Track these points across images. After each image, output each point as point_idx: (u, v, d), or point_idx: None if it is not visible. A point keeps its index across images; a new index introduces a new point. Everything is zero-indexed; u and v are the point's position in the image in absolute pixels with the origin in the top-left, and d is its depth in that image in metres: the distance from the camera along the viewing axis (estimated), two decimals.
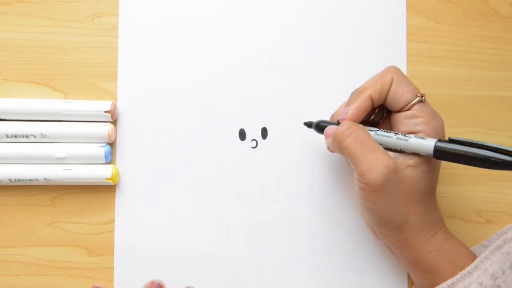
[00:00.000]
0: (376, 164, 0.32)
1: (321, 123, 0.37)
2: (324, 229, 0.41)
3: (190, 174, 0.40)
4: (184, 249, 0.40)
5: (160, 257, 0.40)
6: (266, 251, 0.41)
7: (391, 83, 0.34)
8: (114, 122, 0.40)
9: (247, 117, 0.41)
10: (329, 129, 0.35)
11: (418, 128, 0.33)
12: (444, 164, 0.42)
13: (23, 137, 0.38)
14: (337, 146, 0.34)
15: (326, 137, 0.36)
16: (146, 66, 0.41)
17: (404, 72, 0.42)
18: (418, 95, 0.34)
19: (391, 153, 0.34)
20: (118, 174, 0.40)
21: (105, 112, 0.39)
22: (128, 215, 0.40)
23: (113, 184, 0.39)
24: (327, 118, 0.39)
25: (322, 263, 0.41)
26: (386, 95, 0.35)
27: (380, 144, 0.34)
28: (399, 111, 0.35)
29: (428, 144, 0.32)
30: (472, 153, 0.29)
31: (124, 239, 0.40)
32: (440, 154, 0.31)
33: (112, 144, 0.40)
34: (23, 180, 0.38)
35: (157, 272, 0.40)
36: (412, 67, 0.42)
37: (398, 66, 0.42)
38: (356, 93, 0.35)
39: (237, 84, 0.41)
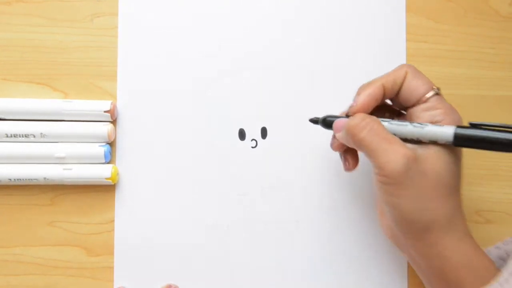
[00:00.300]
0: (395, 155, 0.30)
1: (328, 118, 0.35)
2: (324, 229, 0.41)
3: (190, 173, 0.40)
4: (184, 249, 0.40)
5: (160, 256, 0.40)
6: (266, 251, 0.41)
7: (405, 76, 0.33)
8: (113, 121, 0.40)
9: (247, 117, 0.41)
10: (339, 122, 0.34)
11: (437, 119, 0.32)
12: None
13: (22, 136, 0.38)
14: (352, 140, 0.32)
15: (336, 131, 0.34)
16: (146, 65, 0.41)
17: None
18: (434, 87, 0.33)
19: (409, 145, 0.31)
20: (117, 174, 0.40)
21: (105, 111, 0.39)
22: (128, 214, 0.40)
23: (113, 183, 0.39)
24: None
25: (322, 263, 0.41)
26: (399, 88, 0.33)
27: (395, 135, 0.32)
28: (413, 106, 0.33)
29: (446, 130, 0.30)
30: (496, 138, 0.28)
31: (124, 239, 0.40)
32: (460, 140, 0.29)
33: (111, 144, 0.40)
34: (23, 179, 0.38)
35: (157, 271, 0.40)
36: None
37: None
38: (366, 84, 0.34)
39: (237, 84, 0.41)
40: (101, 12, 0.41)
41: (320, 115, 0.37)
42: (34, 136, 0.38)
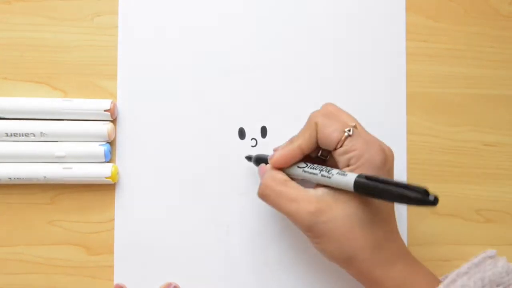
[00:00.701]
0: (300, 214, 0.33)
1: (257, 158, 0.39)
2: None
3: (189, 173, 0.40)
4: (184, 248, 0.40)
5: (160, 256, 0.40)
6: (266, 251, 0.41)
7: (316, 129, 0.35)
8: (113, 121, 0.40)
9: (247, 116, 0.41)
10: (261, 169, 0.37)
11: (352, 162, 0.33)
12: (445, 162, 0.42)
13: (22, 135, 0.38)
14: (265, 201, 0.35)
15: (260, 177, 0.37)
16: (146, 65, 0.41)
17: (404, 71, 0.42)
18: (345, 130, 0.34)
19: (322, 189, 0.34)
20: (117, 173, 0.40)
21: (105, 110, 0.39)
22: (128, 213, 0.40)
23: (113, 182, 0.39)
24: None
25: (321, 263, 0.41)
26: (317, 140, 0.35)
27: (309, 180, 0.35)
28: (333, 150, 0.34)
29: (348, 180, 0.32)
30: (389, 189, 0.29)
31: (123, 238, 0.40)
32: (360, 189, 0.31)
33: (111, 143, 0.40)
34: (23, 178, 0.38)
35: (156, 270, 0.40)
36: (412, 66, 0.42)
37: (398, 65, 0.42)
38: (287, 143, 0.36)
39: (237, 83, 0.41)
40: (101, 11, 0.41)
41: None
42: (34, 135, 0.38)
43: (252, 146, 0.41)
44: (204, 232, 0.40)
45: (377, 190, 0.30)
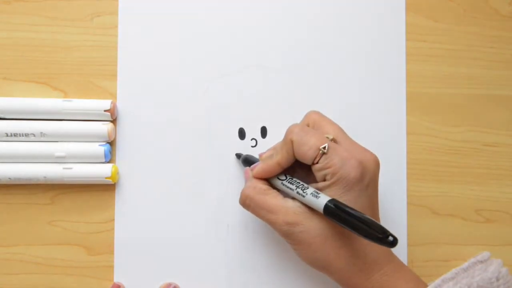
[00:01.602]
0: (278, 224, 0.34)
1: (246, 158, 0.40)
2: None
3: (190, 173, 0.40)
4: (184, 248, 0.40)
5: (160, 256, 0.40)
6: (266, 251, 0.41)
7: (292, 146, 0.35)
8: (113, 121, 0.40)
9: (247, 116, 0.41)
10: (246, 172, 0.38)
11: (327, 178, 0.34)
12: (444, 162, 0.42)
13: (22, 135, 0.38)
14: (247, 209, 0.36)
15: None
16: (146, 65, 0.41)
17: (403, 71, 0.42)
18: (320, 148, 0.34)
19: (297, 201, 0.35)
20: (117, 173, 0.40)
21: (105, 111, 0.39)
22: (128, 213, 0.40)
23: (113, 183, 0.39)
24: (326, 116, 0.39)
25: None
26: (294, 156, 0.35)
27: (286, 193, 0.35)
28: (311, 164, 0.35)
29: (319, 203, 0.32)
30: (352, 222, 0.30)
31: (124, 238, 0.40)
32: (329, 215, 0.32)
33: (111, 143, 0.40)
34: (23, 178, 0.38)
35: (156, 270, 0.40)
36: (411, 66, 0.42)
37: (397, 65, 0.42)
38: (267, 158, 0.37)
39: (237, 83, 0.41)
40: (101, 11, 0.41)
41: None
42: (34, 135, 0.38)
43: (252, 146, 0.41)
44: (204, 232, 0.40)
45: (342, 220, 0.31)
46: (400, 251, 0.41)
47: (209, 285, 0.40)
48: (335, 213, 0.31)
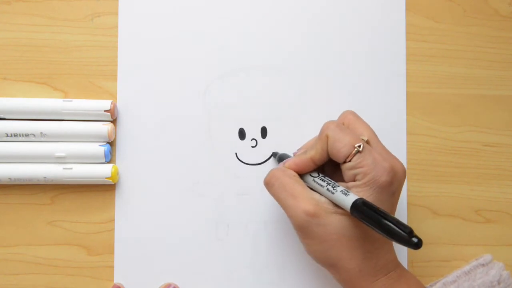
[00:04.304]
0: (296, 211, 0.34)
1: (282, 157, 0.39)
2: None
3: (190, 173, 0.40)
4: (184, 249, 0.40)
5: (160, 256, 0.40)
6: (266, 251, 0.41)
7: (327, 142, 0.35)
8: (113, 121, 0.40)
9: (247, 116, 0.41)
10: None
11: (357, 178, 0.34)
12: (444, 162, 0.42)
13: (22, 136, 0.38)
14: (268, 188, 0.36)
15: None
16: (146, 65, 0.41)
17: (404, 71, 0.42)
18: (356, 146, 0.34)
19: (326, 198, 0.34)
20: (117, 173, 0.40)
21: (105, 111, 0.39)
22: (128, 214, 0.40)
23: (113, 183, 0.39)
24: (325, 116, 0.39)
25: None
26: (327, 153, 0.35)
27: (316, 190, 0.35)
28: (342, 163, 0.35)
29: (348, 200, 0.32)
30: (379, 221, 0.30)
31: (124, 238, 0.40)
32: (355, 213, 0.31)
33: (111, 143, 0.40)
34: (23, 179, 0.38)
35: (156, 270, 0.40)
36: (412, 66, 0.42)
37: (397, 65, 0.42)
38: (303, 148, 0.37)
39: (237, 83, 0.41)
40: (101, 12, 0.41)
41: (319, 115, 0.40)
42: (34, 136, 0.38)
43: (252, 147, 0.41)
44: (204, 232, 0.40)
45: (369, 219, 0.30)
46: (400, 251, 0.41)
47: (209, 285, 0.40)
48: (363, 210, 0.31)
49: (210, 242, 0.40)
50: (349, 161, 0.34)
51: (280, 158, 0.40)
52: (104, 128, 0.39)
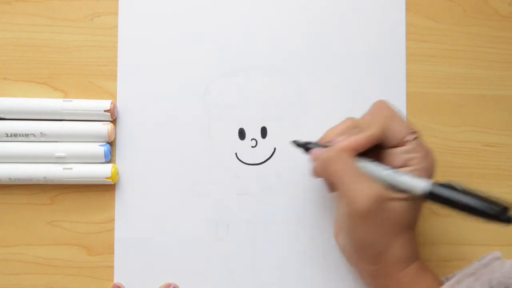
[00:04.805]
0: (364, 191, 0.32)
1: (308, 145, 0.36)
2: (324, 229, 0.41)
3: (189, 173, 0.40)
4: (184, 249, 0.40)
5: (160, 256, 0.40)
6: (266, 251, 0.41)
7: (387, 122, 0.34)
8: (113, 121, 0.40)
9: (247, 116, 0.41)
10: (316, 151, 0.35)
11: (411, 163, 0.33)
12: (444, 162, 0.42)
13: (22, 136, 0.38)
14: (325, 171, 0.34)
15: (314, 160, 0.35)
16: (146, 65, 0.41)
17: (404, 71, 0.42)
18: (414, 132, 0.34)
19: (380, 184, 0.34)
20: (117, 173, 0.40)
21: (105, 111, 0.39)
22: (128, 214, 0.40)
23: (113, 183, 0.39)
24: (325, 116, 0.39)
25: (322, 263, 0.41)
26: (382, 135, 0.34)
27: (372, 173, 0.34)
28: (392, 147, 0.34)
29: (421, 185, 0.31)
30: (466, 202, 0.29)
31: (124, 238, 0.40)
32: (432, 197, 0.31)
33: (111, 143, 0.40)
34: (23, 179, 0.38)
35: (156, 270, 0.40)
36: (412, 66, 0.42)
37: (397, 65, 0.42)
38: (357, 129, 0.35)
39: (237, 83, 0.41)
40: (101, 12, 0.41)
41: (319, 115, 0.39)
42: (34, 136, 0.38)
43: (252, 147, 0.41)
44: (204, 232, 0.40)
45: (452, 201, 0.29)
46: None
47: (209, 285, 0.40)
48: (443, 195, 0.30)
49: (210, 242, 0.40)
50: (404, 145, 0.33)
51: (304, 145, 0.37)
52: (104, 128, 0.39)
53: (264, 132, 0.41)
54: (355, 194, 0.32)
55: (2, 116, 0.39)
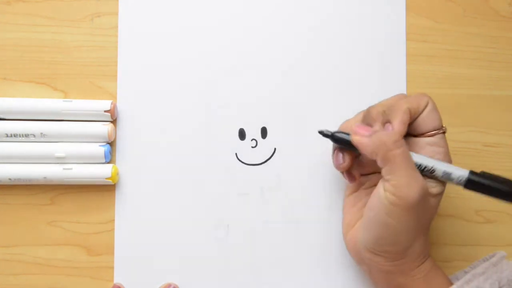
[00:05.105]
0: (415, 181, 0.31)
1: (337, 134, 0.35)
2: (324, 229, 0.41)
3: (190, 173, 0.40)
4: (184, 249, 0.40)
5: (160, 256, 0.40)
6: (266, 251, 0.41)
7: (426, 106, 0.34)
8: (113, 121, 0.40)
9: (247, 116, 0.41)
10: (380, 133, 0.33)
11: (437, 157, 0.33)
12: None
13: (22, 136, 0.38)
14: (382, 151, 0.32)
15: (359, 134, 0.33)
16: (146, 65, 0.41)
17: (404, 71, 0.42)
18: (443, 126, 0.34)
19: None
20: (117, 174, 0.40)
21: (105, 111, 0.39)
22: (128, 214, 0.40)
23: (113, 183, 0.39)
24: (326, 117, 0.39)
25: (322, 263, 0.41)
26: (418, 116, 0.34)
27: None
28: (418, 136, 0.34)
29: (461, 173, 0.33)
30: (502, 188, 0.31)
31: (124, 239, 0.40)
32: (470, 185, 0.32)
33: (111, 144, 0.40)
34: (23, 179, 0.38)
35: (157, 271, 0.40)
36: (412, 67, 0.42)
37: (398, 66, 0.42)
38: (389, 109, 0.33)
39: (237, 83, 0.41)
40: (101, 12, 0.41)
41: (319, 115, 0.39)
42: (34, 136, 0.38)
43: (252, 147, 0.41)
44: (204, 232, 0.40)
45: (489, 187, 0.32)
46: None
47: (209, 285, 0.40)
48: (481, 182, 0.32)
49: (210, 242, 0.40)
50: (431, 136, 0.34)
51: (333, 135, 0.35)
52: (104, 128, 0.39)
53: (264, 132, 0.41)
54: (409, 183, 0.31)
55: (2, 116, 0.39)
